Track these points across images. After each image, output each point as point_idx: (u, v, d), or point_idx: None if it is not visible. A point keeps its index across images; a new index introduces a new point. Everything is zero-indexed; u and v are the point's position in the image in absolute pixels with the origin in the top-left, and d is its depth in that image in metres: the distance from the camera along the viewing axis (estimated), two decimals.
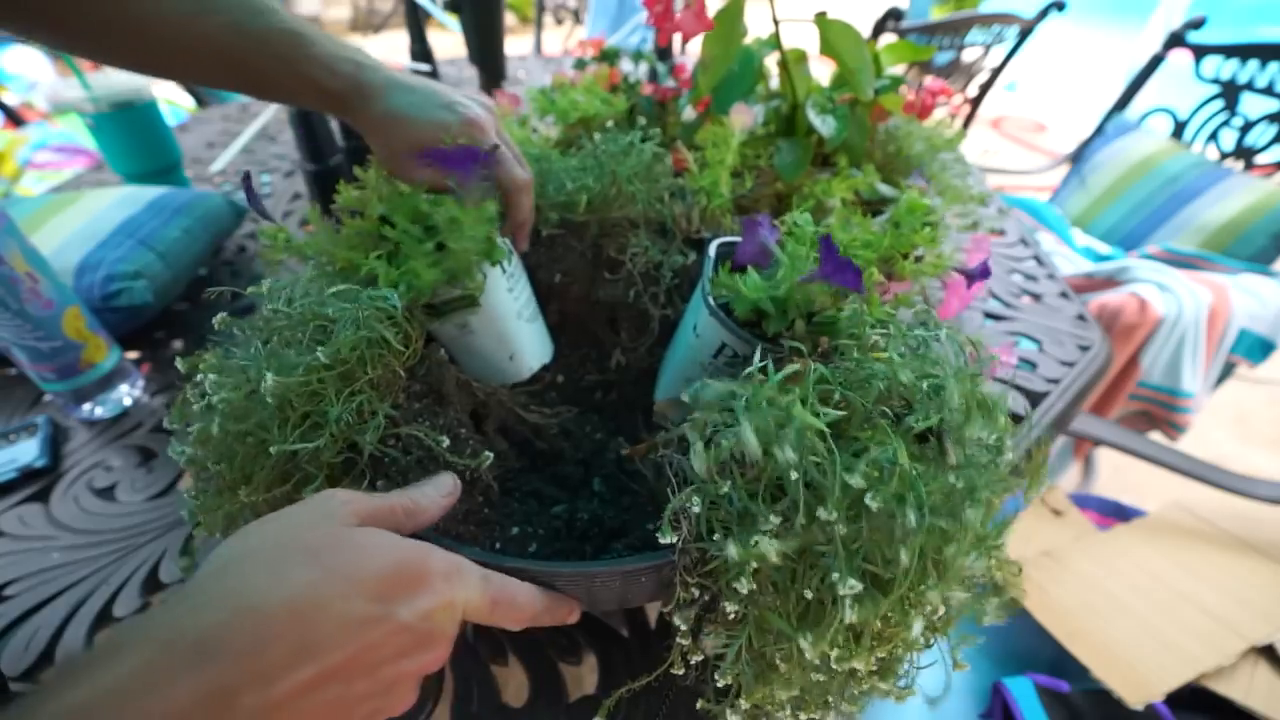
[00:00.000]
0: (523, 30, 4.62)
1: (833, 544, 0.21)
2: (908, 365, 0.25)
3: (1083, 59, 3.83)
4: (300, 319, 0.29)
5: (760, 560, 0.21)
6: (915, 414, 0.24)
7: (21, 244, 0.44)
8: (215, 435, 0.26)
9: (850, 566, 0.21)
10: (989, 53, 1.44)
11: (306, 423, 0.26)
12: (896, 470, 0.22)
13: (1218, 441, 1.46)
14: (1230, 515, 0.80)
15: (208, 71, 0.34)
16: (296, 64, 0.34)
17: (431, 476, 0.28)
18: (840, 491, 0.21)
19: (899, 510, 0.21)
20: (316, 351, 0.26)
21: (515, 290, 0.39)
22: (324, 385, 0.26)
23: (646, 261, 0.44)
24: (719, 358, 0.34)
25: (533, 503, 0.38)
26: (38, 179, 1.36)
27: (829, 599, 0.22)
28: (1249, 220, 1.04)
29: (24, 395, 0.54)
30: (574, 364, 0.47)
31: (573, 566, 0.26)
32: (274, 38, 0.33)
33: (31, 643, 0.37)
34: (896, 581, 0.21)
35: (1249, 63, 1.11)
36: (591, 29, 1.94)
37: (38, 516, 0.44)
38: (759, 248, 0.34)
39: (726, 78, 0.51)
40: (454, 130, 0.36)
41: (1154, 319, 0.92)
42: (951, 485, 0.22)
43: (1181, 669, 0.62)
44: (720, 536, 0.23)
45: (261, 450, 0.26)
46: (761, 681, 0.24)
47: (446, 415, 0.34)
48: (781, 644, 0.23)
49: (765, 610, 0.23)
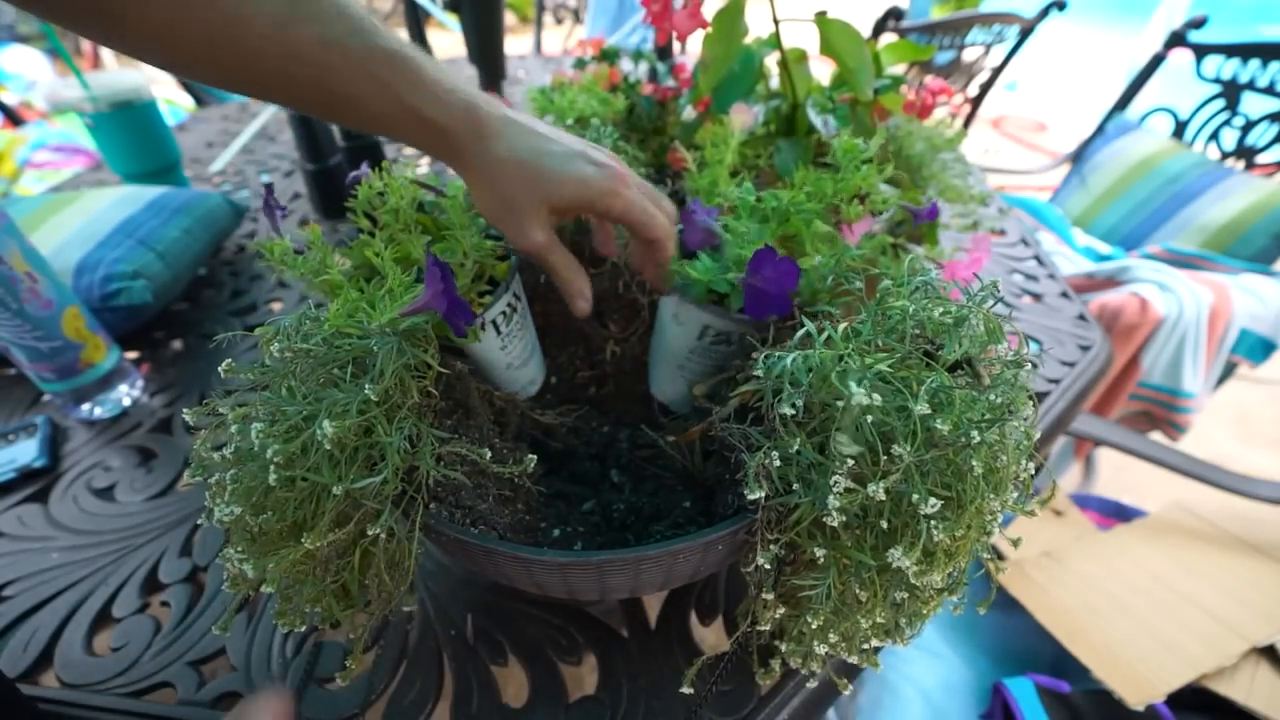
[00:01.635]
0: (522, 30, 4.62)
1: (907, 474, 0.23)
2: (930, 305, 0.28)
3: (1083, 58, 3.83)
4: (330, 355, 0.28)
5: (852, 504, 0.23)
6: (947, 347, 0.26)
7: (21, 243, 0.44)
8: (266, 486, 0.24)
9: (925, 490, 0.23)
10: (989, 52, 1.44)
11: (359, 458, 0.25)
12: (955, 395, 0.24)
13: (1219, 441, 1.46)
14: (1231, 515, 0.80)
15: (292, 89, 0.29)
16: (396, 89, 0.29)
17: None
18: (916, 424, 0.23)
19: (965, 430, 0.23)
20: (365, 388, 0.25)
21: (509, 345, 0.37)
22: (375, 420, 0.26)
23: (629, 252, 0.44)
24: (704, 339, 0.36)
25: (560, 504, 0.38)
26: (37, 178, 1.35)
27: (908, 524, 0.24)
28: (1250, 220, 1.04)
29: (23, 395, 0.54)
30: (563, 364, 0.47)
31: (657, 548, 0.27)
32: (374, 57, 0.28)
33: (30, 643, 0.37)
34: (968, 494, 0.24)
35: (1250, 62, 1.11)
36: (591, 28, 1.94)
37: (37, 517, 0.44)
38: (702, 232, 0.35)
39: (726, 77, 0.51)
40: (597, 185, 0.32)
41: (1155, 319, 0.92)
42: (993, 402, 0.25)
43: (1182, 669, 0.61)
44: (800, 487, 0.25)
45: (313, 495, 0.25)
46: (842, 617, 0.27)
47: (480, 429, 0.34)
48: (862, 575, 0.25)
49: (845, 549, 0.25)
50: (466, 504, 0.31)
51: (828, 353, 0.26)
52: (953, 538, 0.25)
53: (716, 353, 0.37)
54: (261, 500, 0.25)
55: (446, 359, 0.34)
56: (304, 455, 0.24)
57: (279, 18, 0.27)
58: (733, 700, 0.34)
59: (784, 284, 0.30)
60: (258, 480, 0.24)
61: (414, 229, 0.35)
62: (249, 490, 0.25)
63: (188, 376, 0.56)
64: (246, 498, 0.25)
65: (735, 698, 0.34)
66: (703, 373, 0.39)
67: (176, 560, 0.41)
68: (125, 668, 0.36)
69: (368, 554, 0.27)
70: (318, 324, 0.29)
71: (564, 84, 0.62)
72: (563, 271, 0.35)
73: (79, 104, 0.68)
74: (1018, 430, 0.25)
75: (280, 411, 0.25)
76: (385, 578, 0.27)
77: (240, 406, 0.26)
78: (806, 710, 0.34)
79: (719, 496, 0.33)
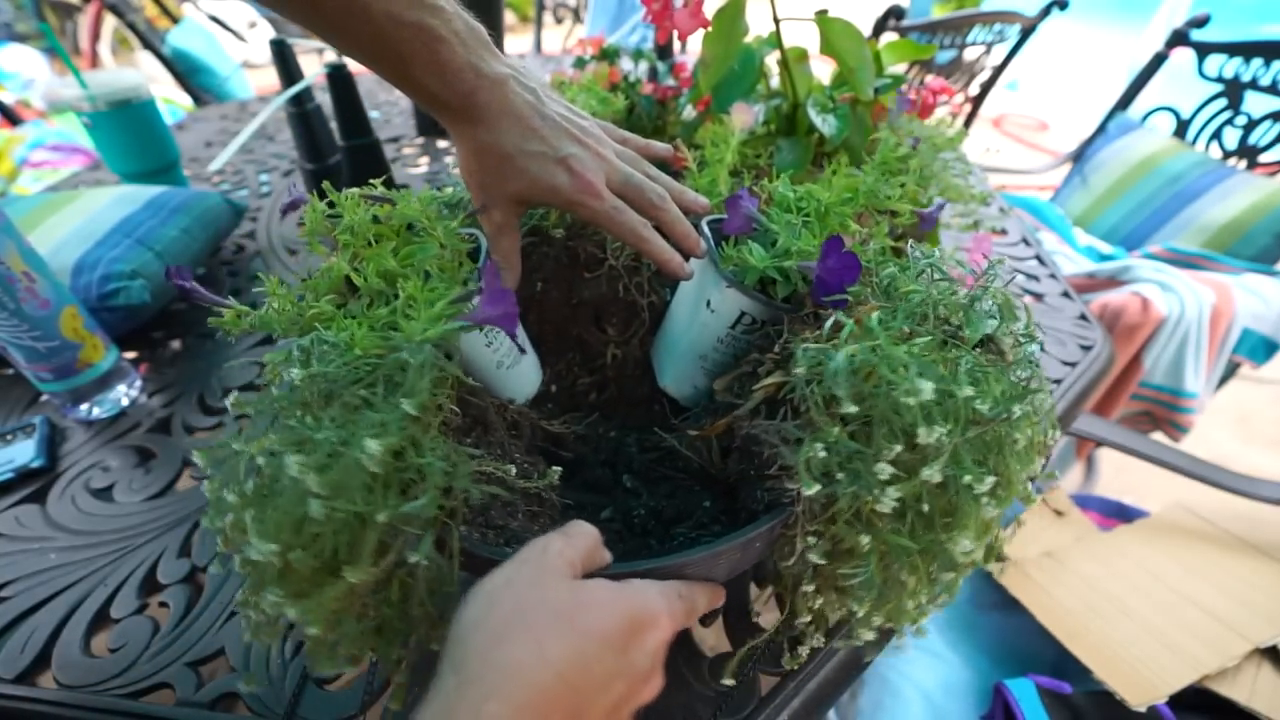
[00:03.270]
0: (522, 29, 4.62)
1: (953, 456, 0.24)
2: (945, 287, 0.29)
3: (1085, 57, 3.82)
4: (352, 375, 0.26)
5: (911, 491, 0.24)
6: (972, 326, 0.27)
7: (18, 243, 0.44)
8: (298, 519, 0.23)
9: (976, 470, 0.24)
10: (991, 51, 1.43)
11: (393, 483, 0.24)
12: (990, 374, 0.25)
13: (1220, 442, 1.46)
14: (1233, 516, 0.79)
15: (365, 50, 0.32)
16: (413, 64, 0.31)
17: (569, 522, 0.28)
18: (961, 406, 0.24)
19: (1006, 406, 0.24)
20: (401, 404, 0.24)
21: (494, 341, 0.36)
22: (414, 439, 0.25)
23: (627, 255, 0.43)
24: (737, 327, 0.36)
25: (578, 514, 0.37)
26: (34, 178, 1.35)
27: (957, 505, 0.25)
28: (1252, 219, 1.04)
29: (21, 395, 0.54)
30: (562, 371, 0.47)
31: (699, 551, 0.27)
32: (408, 32, 0.30)
33: (28, 644, 0.37)
34: (1012, 467, 0.25)
35: (1252, 61, 1.11)
36: (591, 27, 1.94)
37: (35, 517, 0.44)
38: (744, 219, 0.36)
39: (727, 76, 0.50)
40: (565, 195, 0.34)
41: (1156, 319, 0.91)
42: (1020, 377, 0.26)
43: (1184, 670, 0.61)
44: (844, 478, 0.25)
45: (349, 525, 0.23)
46: (885, 600, 0.27)
47: (501, 444, 0.34)
48: (905, 559, 0.26)
49: (887, 535, 0.25)
50: (498, 523, 0.30)
51: (867, 343, 0.26)
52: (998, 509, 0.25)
53: (742, 342, 0.37)
54: (292, 537, 0.23)
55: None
56: (345, 483, 0.23)
57: None
58: (734, 701, 0.33)
59: (844, 276, 0.31)
60: (288, 515, 0.23)
61: (377, 242, 0.34)
62: (279, 526, 0.23)
63: (186, 376, 0.56)
64: (277, 535, 0.23)
65: (736, 698, 0.34)
66: (722, 363, 0.38)
67: (175, 561, 0.41)
68: (123, 669, 0.35)
69: (404, 584, 0.25)
70: (335, 347, 0.27)
71: (564, 83, 0.62)
72: (499, 255, 0.36)
73: (77, 103, 0.68)
74: (1044, 401, 0.26)
75: (310, 440, 0.24)
76: (429, 606, 0.25)
77: (252, 440, 0.24)
78: (807, 710, 0.34)
79: (744, 493, 0.33)
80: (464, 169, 0.36)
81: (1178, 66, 1.22)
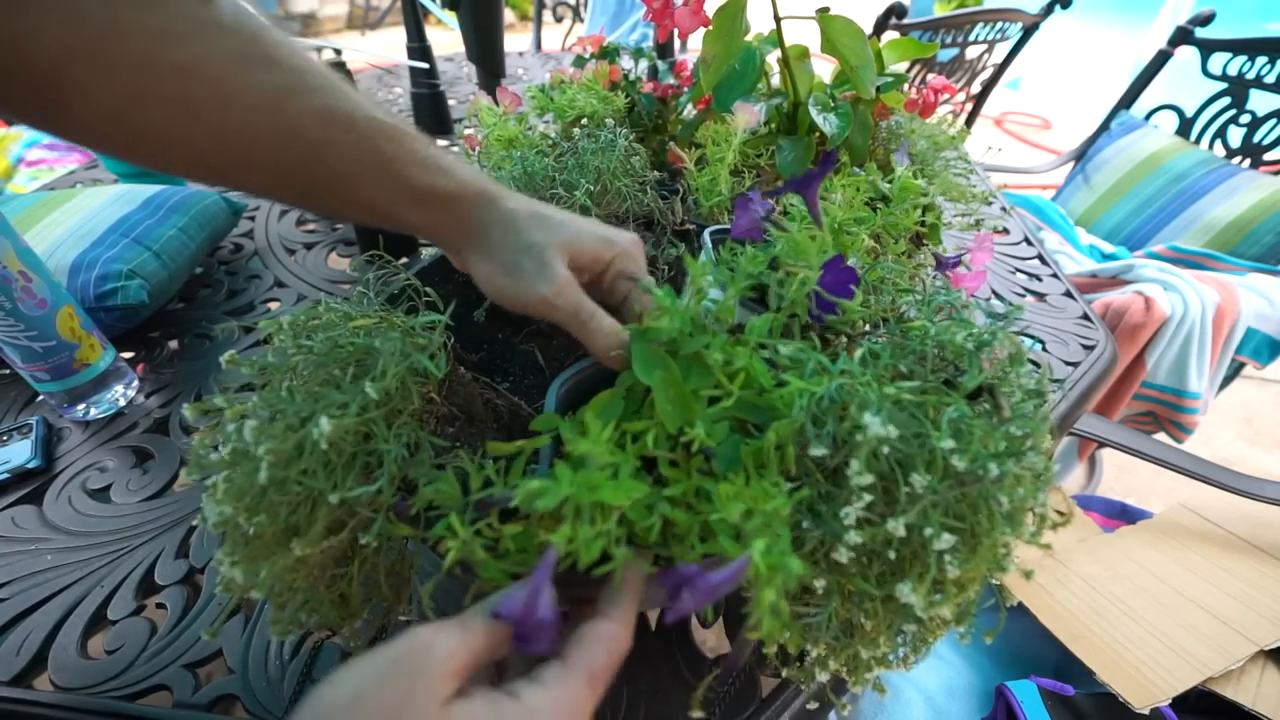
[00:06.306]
0: (522, 27, 4.61)
1: (920, 507, 0.22)
2: (951, 328, 0.27)
3: (1088, 55, 3.81)
4: (331, 354, 0.27)
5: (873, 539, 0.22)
6: (968, 374, 0.25)
7: (15, 242, 0.43)
8: (260, 487, 0.23)
9: (939, 525, 0.22)
10: (993, 49, 1.43)
11: (356, 465, 0.25)
12: (974, 427, 0.23)
13: (1225, 442, 1.45)
14: (1238, 517, 0.79)
15: (277, 170, 0.28)
16: (402, 163, 0.29)
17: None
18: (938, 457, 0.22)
19: (985, 465, 0.22)
20: (365, 387, 0.24)
21: None
22: (374, 423, 0.25)
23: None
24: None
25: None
26: (30, 176, 1.35)
27: (918, 555, 0.23)
28: (1256, 218, 1.03)
29: (17, 396, 0.54)
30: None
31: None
32: (382, 131, 0.28)
33: (24, 646, 0.37)
34: (985, 530, 0.23)
35: (1257, 58, 1.10)
36: (591, 26, 1.93)
37: (31, 518, 0.44)
38: (752, 222, 0.35)
39: (728, 75, 0.50)
40: (620, 244, 0.33)
41: (1160, 318, 0.91)
42: (1013, 434, 0.24)
43: (1188, 672, 0.61)
44: (809, 521, 0.24)
45: (308, 499, 0.24)
46: (844, 645, 0.26)
47: (483, 436, 0.34)
48: (866, 605, 0.24)
49: (850, 577, 0.24)
50: None
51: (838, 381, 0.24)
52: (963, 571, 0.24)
53: None
54: (255, 502, 0.24)
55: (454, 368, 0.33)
56: (299, 456, 0.24)
57: (277, 90, 0.26)
58: (734, 702, 0.33)
59: (840, 292, 0.30)
60: (251, 480, 0.24)
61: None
62: (241, 491, 0.24)
63: (184, 376, 0.56)
64: (239, 498, 0.24)
65: (737, 699, 0.33)
66: None
67: (173, 562, 0.41)
68: (120, 670, 0.35)
69: (368, 563, 0.26)
70: (320, 322, 0.28)
71: (563, 82, 0.61)
72: (586, 320, 0.31)
73: None
74: (1036, 462, 0.24)
75: (279, 410, 0.25)
76: (385, 588, 0.26)
77: (239, 404, 0.25)
78: (808, 712, 0.34)
79: None
80: (495, 257, 0.32)
81: (1181, 64, 1.22)
